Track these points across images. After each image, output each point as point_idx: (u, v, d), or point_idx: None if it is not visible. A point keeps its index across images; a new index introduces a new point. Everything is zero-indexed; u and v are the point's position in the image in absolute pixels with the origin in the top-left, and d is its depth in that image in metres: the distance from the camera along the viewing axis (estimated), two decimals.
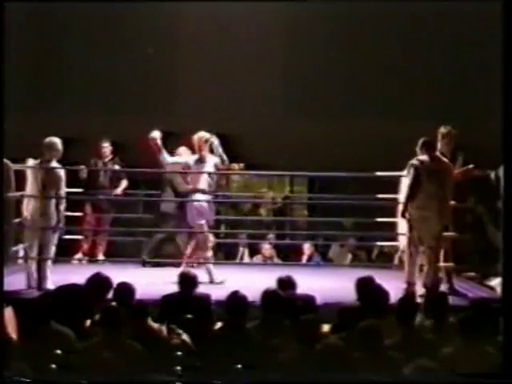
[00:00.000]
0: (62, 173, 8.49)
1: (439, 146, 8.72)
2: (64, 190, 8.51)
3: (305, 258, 11.05)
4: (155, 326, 6.21)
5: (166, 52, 10.77)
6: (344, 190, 10.04)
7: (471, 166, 9.03)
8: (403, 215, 8.33)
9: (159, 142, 9.10)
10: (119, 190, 10.40)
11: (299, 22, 10.75)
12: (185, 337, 6.03)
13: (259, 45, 10.71)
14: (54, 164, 8.48)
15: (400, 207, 8.49)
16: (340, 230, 11.01)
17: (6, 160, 8.11)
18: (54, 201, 8.42)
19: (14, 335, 6.28)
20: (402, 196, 8.67)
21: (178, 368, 5.43)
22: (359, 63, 10.73)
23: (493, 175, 9.15)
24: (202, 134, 9.13)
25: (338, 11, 10.66)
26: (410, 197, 8.22)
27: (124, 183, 10.43)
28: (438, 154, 8.42)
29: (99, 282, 6.85)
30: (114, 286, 6.73)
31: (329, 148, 10.08)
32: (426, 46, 10.65)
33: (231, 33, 10.69)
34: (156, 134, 9.12)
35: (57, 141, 8.51)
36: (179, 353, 5.67)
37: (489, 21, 9.72)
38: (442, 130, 8.84)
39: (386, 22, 10.65)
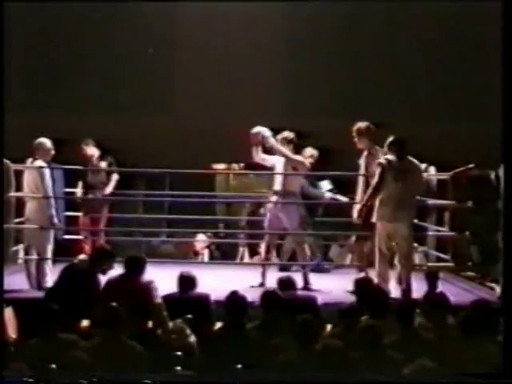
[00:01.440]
0: (44, 172, 8.50)
1: (356, 141, 8.64)
2: (49, 189, 8.50)
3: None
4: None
5: (165, 52, 10.77)
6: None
7: (471, 165, 9.03)
8: (360, 215, 8.17)
9: (261, 138, 8.83)
10: (110, 188, 10.26)
11: (299, 22, 10.75)
12: (191, 339, 6.06)
13: (259, 44, 10.71)
14: (40, 164, 8.51)
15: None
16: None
17: (5, 160, 8.12)
18: (46, 200, 8.46)
19: (13, 335, 6.29)
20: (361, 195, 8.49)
21: (178, 368, 5.44)
22: (359, 63, 10.74)
23: (493, 175, 9.15)
24: (287, 134, 8.93)
25: (338, 11, 10.67)
26: (373, 196, 8.04)
27: (114, 178, 10.29)
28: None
29: (102, 252, 7.36)
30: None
31: (329, 147, 10.06)
32: (426, 45, 10.66)
33: (231, 33, 10.70)
34: (259, 130, 8.86)
35: (45, 141, 8.58)
36: (179, 353, 5.69)
37: (489, 21, 9.73)
38: (360, 125, 8.69)
39: (386, 22, 10.66)
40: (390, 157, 8.08)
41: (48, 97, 10.66)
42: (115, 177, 10.25)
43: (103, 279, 7.21)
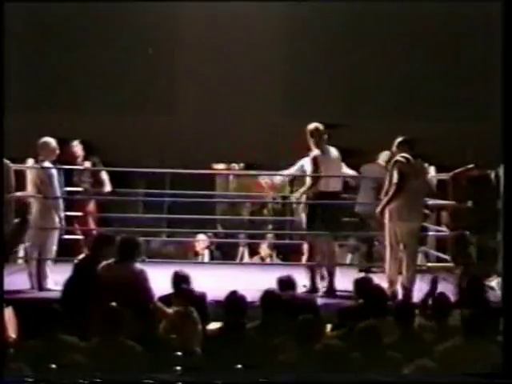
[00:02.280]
0: (52, 173, 8.48)
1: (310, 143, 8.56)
2: (57, 189, 8.50)
3: (304, 258, 11.03)
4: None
5: (166, 52, 10.77)
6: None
7: (471, 165, 9.02)
8: (382, 213, 8.09)
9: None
10: (108, 187, 10.15)
11: (299, 22, 10.75)
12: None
13: (260, 44, 10.71)
14: (47, 164, 8.49)
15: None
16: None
17: (5, 160, 8.11)
18: (51, 200, 8.44)
19: (13, 335, 6.29)
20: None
21: (178, 368, 5.44)
22: (359, 63, 10.74)
23: (493, 175, 9.15)
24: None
25: (338, 11, 10.67)
26: (396, 195, 8.01)
27: (104, 177, 10.19)
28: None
29: (101, 239, 7.31)
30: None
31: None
32: (426, 45, 10.66)
33: (231, 32, 10.69)
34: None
35: (50, 141, 8.55)
36: (179, 353, 5.69)
37: (489, 21, 9.73)
38: (308, 127, 8.62)
39: (387, 21, 10.66)
40: (407, 155, 8.07)
41: (48, 97, 10.65)
42: (104, 176, 10.15)
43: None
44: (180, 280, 7.01)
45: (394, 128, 9.55)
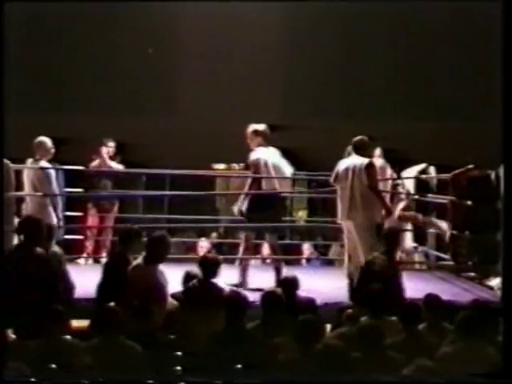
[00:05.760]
0: (49, 172, 8.50)
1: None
2: (54, 188, 8.51)
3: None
4: None
5: (166, 52, 10.78)
6: None
7: (471, 165, 9.03)
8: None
9: None
10: None
11: (299, 22, 10.76)
12: None
13: (259, 44, 10.72)
14: (44, 163, 8.51)
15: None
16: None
17: (5, 160, 8.11)
18: (49, 200, 8.44)
19: (13, 335, 6.28)
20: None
21: (178, 368, 5.44)
22: (359, 63, 10.75)
23: (493, 175, 9.16)
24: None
25: (338, 11, 10.68)
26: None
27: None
28: None
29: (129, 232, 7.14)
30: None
31: (328, 148, 10.08)
32: (426, 45, 10.67)
33: (231, 33, 10.71)
34: None
35: (46, 140, 8.58)
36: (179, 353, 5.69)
37: (489, 21, 9.74)
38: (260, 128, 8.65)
39: (386, 22, 10.67)
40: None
41: (48, 97, 10.66)
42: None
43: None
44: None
45: (394, 128, 9.59)
